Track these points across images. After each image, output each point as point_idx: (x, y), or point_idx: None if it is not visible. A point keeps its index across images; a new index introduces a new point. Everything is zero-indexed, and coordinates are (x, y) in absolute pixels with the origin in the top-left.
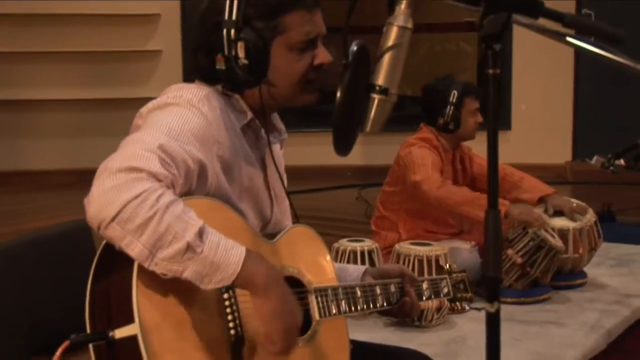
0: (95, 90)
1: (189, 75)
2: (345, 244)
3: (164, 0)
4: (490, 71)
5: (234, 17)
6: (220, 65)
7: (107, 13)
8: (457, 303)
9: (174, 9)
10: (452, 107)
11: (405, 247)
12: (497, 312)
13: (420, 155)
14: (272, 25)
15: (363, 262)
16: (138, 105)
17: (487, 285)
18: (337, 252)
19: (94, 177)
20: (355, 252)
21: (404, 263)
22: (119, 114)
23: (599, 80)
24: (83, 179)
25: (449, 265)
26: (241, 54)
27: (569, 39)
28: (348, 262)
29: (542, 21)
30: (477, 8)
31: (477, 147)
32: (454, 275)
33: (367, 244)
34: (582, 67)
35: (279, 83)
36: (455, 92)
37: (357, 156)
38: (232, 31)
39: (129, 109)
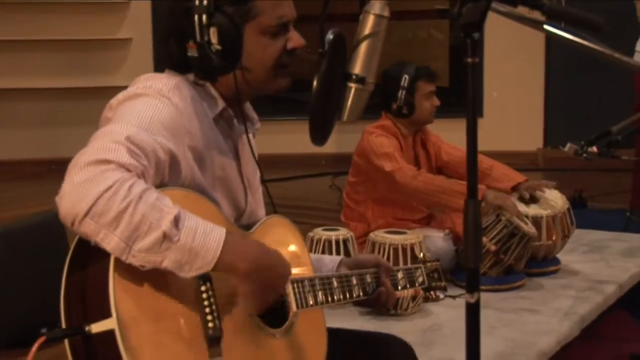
0: (66, 79)
1: (160, 64)
2: (320, 232)
3: None
4: (470, 60)
5: (204, 2)
6: (193, 52)
7: (77, 1)
8: (432, 292)
9: None
10: (404, 92)
11: (380, 235)
12: (477, 302)
13: (379, 143)
14: (243, 10)
15: (338, 251)
16: (109, 94)
17: (468, 276)
18: (312, 241)
19: (65, 167)
20: (330, 241)
21: (379, 252)
22: (90, 103)
23: (570, 67)
24: (55, 168)
25: (423, 254)
26: (214, 39)
27: (546, 27)
28: (323, 251)
29: (519, 9)
30: None
31: (447, 134)
32: (428, 264)
33: (342, 232)
34: (553, 55)
35: (253, 68)
36: (407, 76)
37: (331, 144)
38: (204, 17)
39: (99, 98)
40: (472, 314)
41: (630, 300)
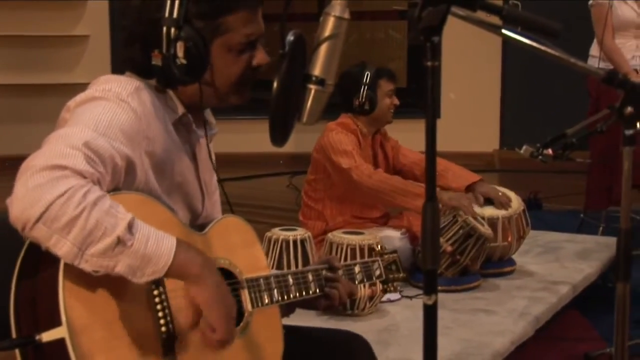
0: (21, 76)
1: (121, 66)
2: (277, 232)
3: None
4: (429, 63)
5: (175, 14)
6: (157, 61)
7: None
8: (390, 284)
9: None
10: (366, 87)
11: (338, 236)
12: (435, 303)
13: (339, 140)
14: (213, 26)
15: (296, 251)
16: (64, 92)
17: (425, 278)
18: (269, 241)
19: (20, 165)
20: (287, 241)
21: (336, 252)
22: (46, 100)
23: (526, 69)
24: (8, 165)
25: (380, 247)
26: (180, 53)
27: (504, 31)
28: (280, 251)
29: (477, 13)
30: None
31: (404, 135)
32: (386, 256)
33: (300, 232)
34: (509, 57)
35: (216, 83)
36: (369, 73)
37: (289, 144)
38: (173, 30)
39: (56, 95)
40: (430, 315)
41: (583, 300)
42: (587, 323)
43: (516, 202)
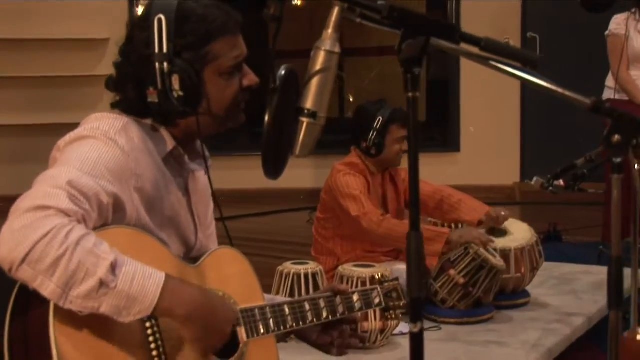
0: (43, 116)
1: (115, 108)
2: (289, 266)
3: (112, 11)
4: (410, 94)
5: (164, 49)
6: (153, 98)
7: (55, 38)
8: (391, 312)
9: (123, 33)
10: (375, 133)
11: (349, 269)
12: (421, 332)
13: (346, 184)
14: (201, 55)
15: (307, 285)
16: None
17: (411, 306)
18: (281, 275)
19: None
20: (299, 275)
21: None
22: None
23: (546, 101)
24: None
25: (381, 275)
26: (176, 86)
27: (492, 62)
28: (292, 285)
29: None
30: (397, 32)
31: (422, 169)
32: (386, 284)
33: (312, 266)
34: (528, 90)
35: (213, 109)
36: (381, 118)
37: (309, 179)
38: (165, 64)
39: None
40: (416, 343)
41: (599, 332)
42: (603, 355)
43: (529, 234)
